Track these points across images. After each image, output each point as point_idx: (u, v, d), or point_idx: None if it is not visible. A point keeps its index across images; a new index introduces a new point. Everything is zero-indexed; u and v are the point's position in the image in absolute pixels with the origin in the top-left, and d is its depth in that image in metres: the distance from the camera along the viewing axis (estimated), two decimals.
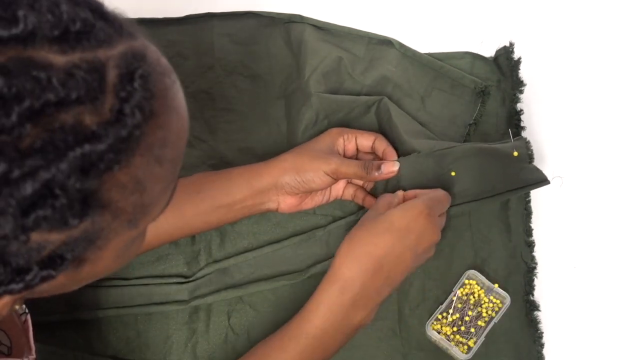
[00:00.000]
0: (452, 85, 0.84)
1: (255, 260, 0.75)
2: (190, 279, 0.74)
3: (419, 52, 0.85)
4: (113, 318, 0.73)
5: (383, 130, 0.78)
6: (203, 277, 0.74)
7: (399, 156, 0.74)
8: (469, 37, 0.86)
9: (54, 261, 0.37)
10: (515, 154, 0.74)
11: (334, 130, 0.74)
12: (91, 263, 0.40)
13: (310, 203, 0.74)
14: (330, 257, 0.72)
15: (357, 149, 0.75)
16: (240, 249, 0.76)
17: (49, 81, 0.32)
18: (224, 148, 0.81)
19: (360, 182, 0.76)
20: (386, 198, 0.69)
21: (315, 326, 0.62)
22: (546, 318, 0.74)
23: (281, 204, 0.72)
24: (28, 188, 0.32)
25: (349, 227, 0.70)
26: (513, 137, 0.78)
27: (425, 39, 0.86)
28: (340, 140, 0.73)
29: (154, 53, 0.39)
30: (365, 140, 0.74)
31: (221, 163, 0.80)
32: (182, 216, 0.69)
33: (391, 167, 0.71)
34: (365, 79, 0.83)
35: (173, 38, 0.86)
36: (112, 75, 0.35)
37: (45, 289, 0.39)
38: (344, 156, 0.74)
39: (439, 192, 0.70)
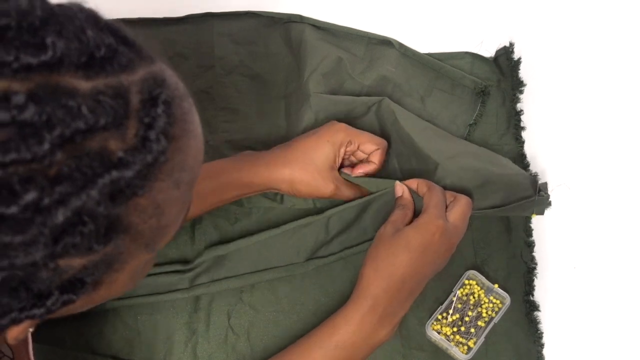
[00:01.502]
0: (452, 85, 0.84)
1: (256, 247, 0.74)
2: (191, 265, 0.73)
3: (418, 52, 0.85)
4: (113, 318, 0.73)
5: (387, 132, 0.78)
6: (203, 262, 0.73)
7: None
8: (469, 37, 0.86)
9: (74, 285, 0.37)
10: (534, 215, 0.74)
11: (339, 138, 0.72)
12: (107, 285, 0.40)
13: None
14: (327, 242, 0.74)
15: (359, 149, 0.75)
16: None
17: (79, 108, 0.32)
18: (224, 148, 0.81)
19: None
20: (398, 214, 0.68)
21: (345, 339, 0.63)
22: (546, 318, 0.74)
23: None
24: (60, 216, 0.32)
25: (347, 212, 0.72)
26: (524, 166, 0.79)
27: (425, 39, 0.86)
28: (342, 150, 0.73)
29: (173, 77, 0.39)
30: (367, 149, 0.74)
31: None
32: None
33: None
34: (365, 79, 0.83)
35: (173, 38, 0.86)
36: (135, 100, 0.35)
37: (62, 312, 0.40)
38: (342, 159, 0.74)
39: (459, 203, 0.68)
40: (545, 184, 0.76)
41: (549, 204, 0.74)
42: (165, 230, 0.40)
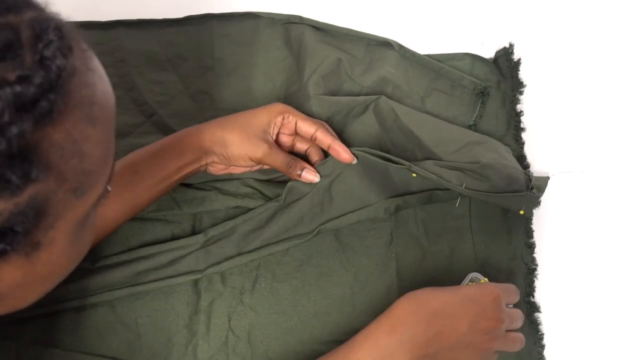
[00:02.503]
0: (452, 86, 0.84)
1: (265, 217, 0.75)
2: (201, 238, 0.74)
3: (418, 54, 0.85)
4: (113, 320, 0.73)
5: (387, 129, 0.78)
6: (212, 237, 0.74)
7: (351, 151, 0.73)
8: (469, 38, 0.86)
9: (4, 234, 0.37)
10: (521, 212, 0.73)
11: (276, 108, 0.74)
12: (45, 249, 0.40)
13: (239, 169, 0.76)
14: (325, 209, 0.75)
15: (296, 132, 0.75)
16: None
17: None
18: None
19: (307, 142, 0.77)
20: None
21: (358, 357, 0.61)
22: (547, 320, 0.74)
23: (209, 167, 0.74)
24: None
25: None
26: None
27: (425, 40, 0.86)
28: (279, 119, 0.73)
29: (66, 23, 0.40)
30: (305, 127, 0.74)
31: None
32: (125, 200, 0.70)
33: (312, 178, 0.73)
34: (364, 80, 0.83)
35: (172, 39, 0.85)
36: (26, 34, 0.36)
37: (6, 290, 0.40)
38: (279, 135, 0.75)
39: (511, 286, 0.67)
40: (546, 179, 0.76)
41: (538, 203, 0.73)
42: (92, 177, 0.41)
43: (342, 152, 0.73)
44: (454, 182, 0.71)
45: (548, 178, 0.76)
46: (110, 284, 0.72)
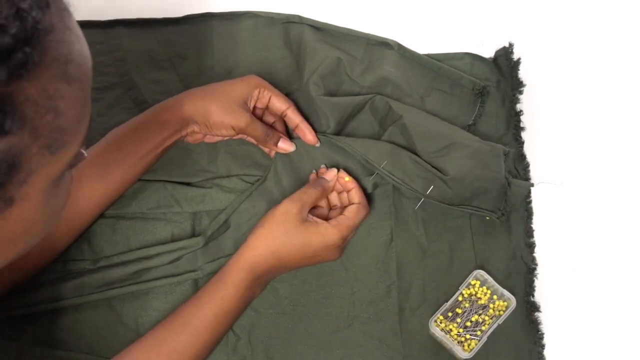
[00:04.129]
0: (452, 85, 0.84)
1: (255, 199, 0.77)
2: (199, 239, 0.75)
3: (417, 53, 0.85)
4: (113, 320, 0.73)
5: (384, 126, 0.78)
6: (212, 235, 0.75)
7: (316, 133, 0.77)
8: (469, 37, 0.86)
9: None
10: (487, 218, 0.76)
11: (253, 81, 0.76)
12: (19, 205, 0.40)
13: (214, 138, 0.78)
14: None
15: (268, 107, 0.77)
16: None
17: None
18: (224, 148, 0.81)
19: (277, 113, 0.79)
20: (312, 194, 0.72)
21: (224, 304, 0.67)
22: (547, 319, 0.74)
23: (188, 137, 0.76)
24: None
25: None
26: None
27: (425, 40, 0.86)
28: (256, 92, 0.75)
29: None
30: (278, 103, 0.77)
31: None
32: (111, 177, 0.72)
33: (288, 147, 0.76)
34: (364, 80, 0.82)
35: (172, 38, 0.85)
36: None
37: None
38: (254, 107, 0.77)
39: (362, 212, 0.73)
40: (528, 185, 0.78)
41: (502, 216, 0.75)
42: (67, 135, 0.41)
43: (307, 133, 0.76)
44: (419, 189, 0.73)
45: (531, 184, 0.78)
46: (110, 282, 0.73)
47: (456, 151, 0.75)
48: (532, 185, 0.78)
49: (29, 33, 0.36)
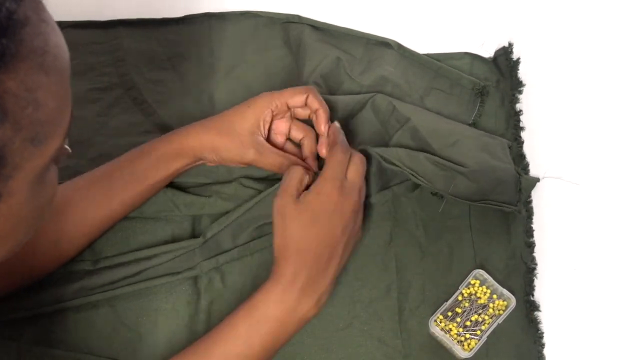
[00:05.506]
0: (451, 85, 0.84)
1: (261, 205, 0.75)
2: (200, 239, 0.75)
3: (417, 53, 0.85)
4: (114, 320, 0.73)
5: (386, 122, 0.78)
6: (212, 237, 0.75)
7: (332, 119, 0.74)
8: (468, 37, 0.86)
9: None
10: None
11: (261, 103, 0.72)
12: (5, 201, 0.40)
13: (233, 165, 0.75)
14: None
15: (290, 111, 0.75)
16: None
17: None
18: None
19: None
20: (290, 181, 0.68)
21: (267, 313, 0.63)
22: (546, 318, 0.74)
23: (205, 163, 0.75)
24: None
25: None
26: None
27: (425, 39, 0.86)
28: (267, 113, 0.72)
29: None
30: (296, 99, 0.73)
31: None
32: (124, 198, 0.72)
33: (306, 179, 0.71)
34: (363, 79, 0.83)
35: (172, 38, 0.85)
36: None
37: None
38: (274, 123, 0.74)
39: (354, 160, 0.69)
40: (535, 180, 0.77)
41: (519, 211, 0.75)
42: (49, 127, 0.41)
43: (321, 123, 0.73)
44: (441, 187, 0.72)
45: (538, 179, 0.77)
46: (110, 282, 0.73)
47: (468, 144, 0.75)
48: (538, 180, 0.78)
49: (4, 24, 0.37)
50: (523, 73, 0.84)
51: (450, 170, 0.72)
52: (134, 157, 0.72)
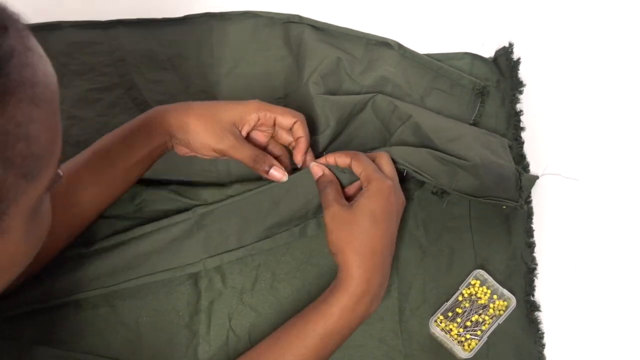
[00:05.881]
0: (452, 85, 0.84)
1: (268, 201, 0.74)
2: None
3: (417, 53, 0.85)
4: (114, 320, 0.73)
5: (387, 122, 0.78)
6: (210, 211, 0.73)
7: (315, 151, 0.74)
8: (469, 37, 0.86)
9: None
10: (504, 207, 0.76)
11: (252, 105, 0.71)
12: (2, 238, 0.40)
13: (203, 157, 0.73)
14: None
15: (275, 129, 0.74)
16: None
17: None
18: None
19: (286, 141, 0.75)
20: (331, 192, 0.68)
21: (330, 325, 0.63)
22: (547, 319, 0.74)
23: (175, 147, 0.72)
24: None
25: None
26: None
27: (425, 40, 0.86)
28: (254, 116, 0.71)
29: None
30: (285, 120, 0.72)
31: None
32: (101, 185, 0.69)
33: (280, 176, 0.71)
34: (364, 79, 0.83)
35: (172, 38, 0.86)
36: None
37: None
38: (253, 132, 0.73)
39: (384, 159, 0.70)
40: (534, 178, 0.77)
41: (521, 206, 0.75)
42: (41, 161, 0.40)
43: (298, 153, 0.72)
44: (445, 182, 0.72)
45: (537, 177, 0.78)
46: (109, 271, 0.71)
47: (469, 140, 0.76)
48: (537, 177, 0.78)
49: None
50: (523, 73, 0.84)
51: (453, 166, 0.72)
52: (111, 140, 0.70)
